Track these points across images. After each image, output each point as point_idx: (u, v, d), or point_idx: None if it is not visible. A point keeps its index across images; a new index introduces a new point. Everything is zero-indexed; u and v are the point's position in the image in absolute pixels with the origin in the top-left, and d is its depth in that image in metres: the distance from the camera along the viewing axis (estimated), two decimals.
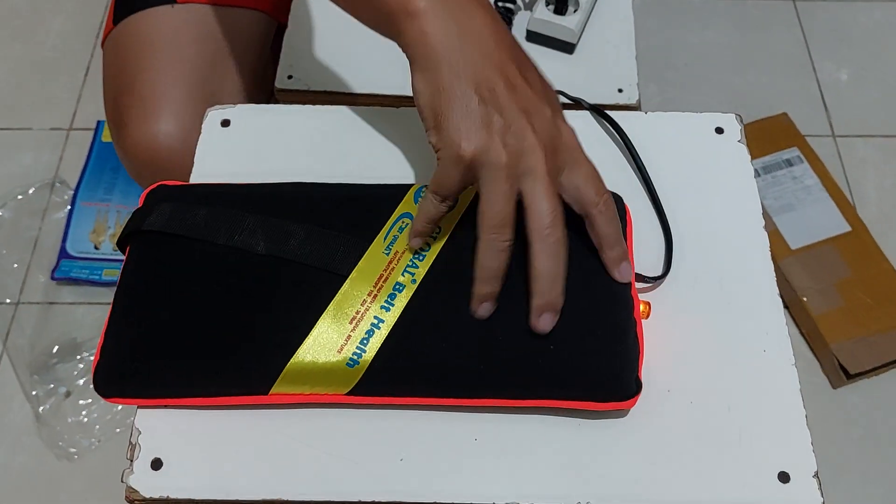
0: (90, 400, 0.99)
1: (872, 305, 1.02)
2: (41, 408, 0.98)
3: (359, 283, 0.45)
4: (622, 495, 0.43)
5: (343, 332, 0.44)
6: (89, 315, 1.06)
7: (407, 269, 0.45)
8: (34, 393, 0.99)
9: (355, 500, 0.43)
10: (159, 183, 0.50)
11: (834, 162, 1.19)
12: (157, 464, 0.44)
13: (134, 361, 0.44)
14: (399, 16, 0.43)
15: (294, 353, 0.43)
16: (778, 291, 0.49)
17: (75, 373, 1.00)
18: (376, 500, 0.43)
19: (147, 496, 0.43)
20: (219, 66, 0.71)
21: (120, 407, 0.99)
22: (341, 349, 0.43)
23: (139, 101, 0.67)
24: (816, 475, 0.44)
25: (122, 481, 0.44)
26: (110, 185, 1.16)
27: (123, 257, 0.48)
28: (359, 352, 0.43)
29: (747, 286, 0.50)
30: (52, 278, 1.08)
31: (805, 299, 1.02)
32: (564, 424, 0.45)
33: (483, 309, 0.44)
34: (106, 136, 1.21)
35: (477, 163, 0.42)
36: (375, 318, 0.44)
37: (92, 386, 0.45)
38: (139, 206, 0.50)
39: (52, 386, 1.00)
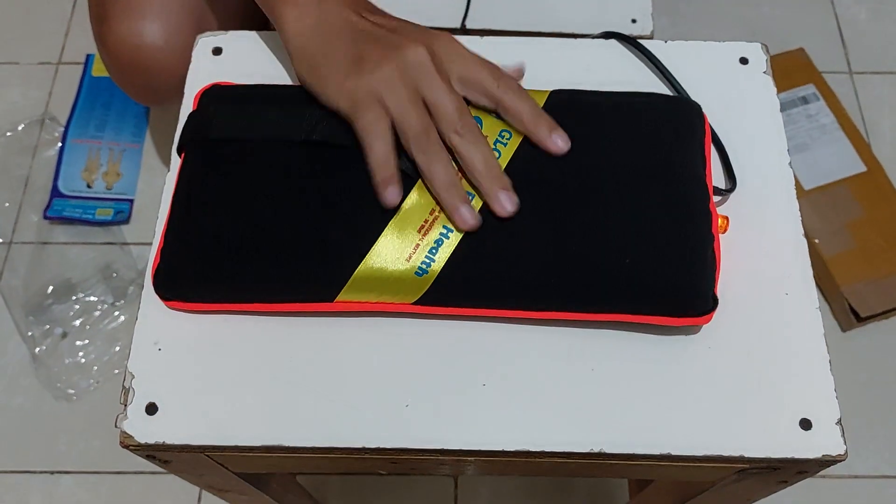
0: (87, 341, 0.98)
1: (885, 247, 1.00)
2: (38, 349, 0.97)
3: (427, 191, 0.43)
4: (635, 442, 0.41)
5: (411, 241, 0.42)
6: (83, 255, 1.03)
7: None
8: (30, 334, 0.98)
9: (358, 446, 0.41)
10: (212, 84, 0.49)
11: (850, 99, 1.15)
12: (151, 409, 0.42)
13: (195, 264, 0.43)
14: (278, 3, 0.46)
15: (362, 260, 0.42)
16: (803, 232, 0.47)
17: (71, 313, 0.99)
18: (380, 447, 0.41)
19: (142, 442, 0.41)
20: None
21: (117, 348, 0.98)
22: (410, 258, 0.42)
23: None
24: (839, 422, 0.42)
25: (115, 426, 0.42)
26: (102, 121, 1.13)
27: (180, 164, 0.46)
28: (427, 261, 0.42)
29: (770, 226, 0.47)
30: (45, 217, 1.05)
31: (817, 241, 1.00)
32: (576, 368, 0.43)
33: (467, 215, 0.42)
34: (96, 71, 1.17)
35: (371, 88, 0.43)
36: (444, 227, 0.43)
37: (152, 289, 0.44)
38: (193, 108, 0.48)
39: (47, 327, 0.98)
